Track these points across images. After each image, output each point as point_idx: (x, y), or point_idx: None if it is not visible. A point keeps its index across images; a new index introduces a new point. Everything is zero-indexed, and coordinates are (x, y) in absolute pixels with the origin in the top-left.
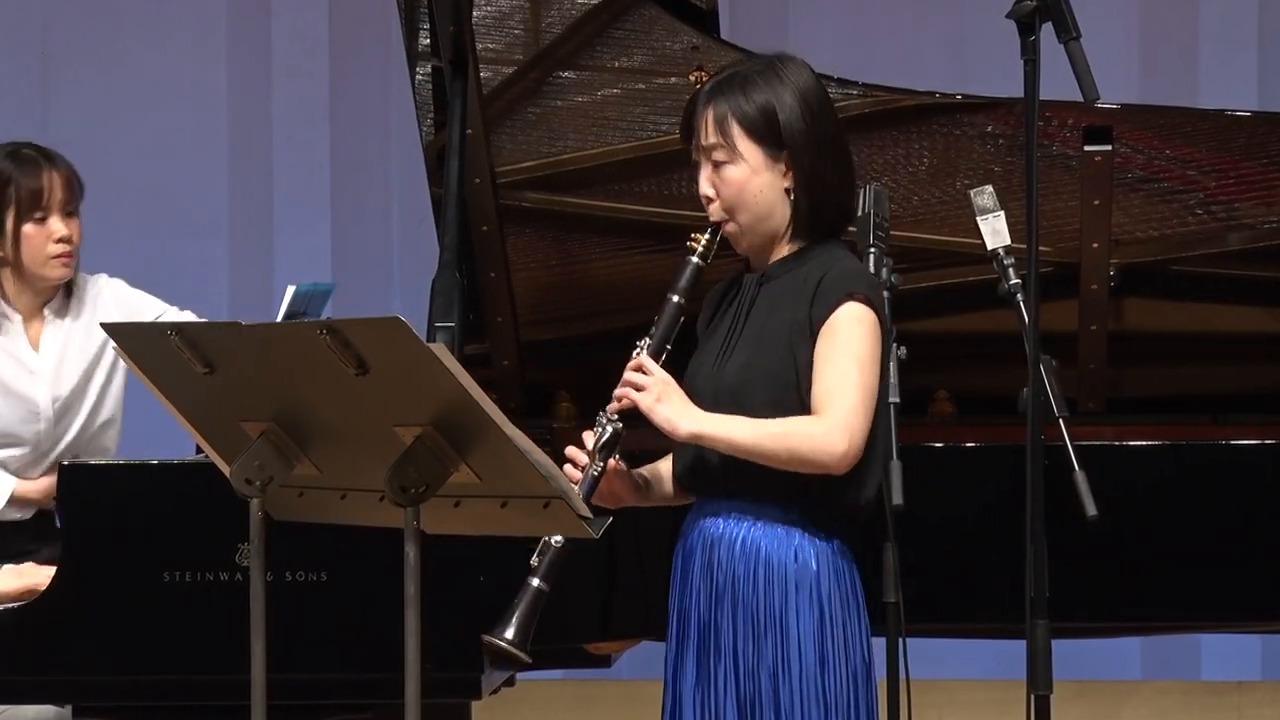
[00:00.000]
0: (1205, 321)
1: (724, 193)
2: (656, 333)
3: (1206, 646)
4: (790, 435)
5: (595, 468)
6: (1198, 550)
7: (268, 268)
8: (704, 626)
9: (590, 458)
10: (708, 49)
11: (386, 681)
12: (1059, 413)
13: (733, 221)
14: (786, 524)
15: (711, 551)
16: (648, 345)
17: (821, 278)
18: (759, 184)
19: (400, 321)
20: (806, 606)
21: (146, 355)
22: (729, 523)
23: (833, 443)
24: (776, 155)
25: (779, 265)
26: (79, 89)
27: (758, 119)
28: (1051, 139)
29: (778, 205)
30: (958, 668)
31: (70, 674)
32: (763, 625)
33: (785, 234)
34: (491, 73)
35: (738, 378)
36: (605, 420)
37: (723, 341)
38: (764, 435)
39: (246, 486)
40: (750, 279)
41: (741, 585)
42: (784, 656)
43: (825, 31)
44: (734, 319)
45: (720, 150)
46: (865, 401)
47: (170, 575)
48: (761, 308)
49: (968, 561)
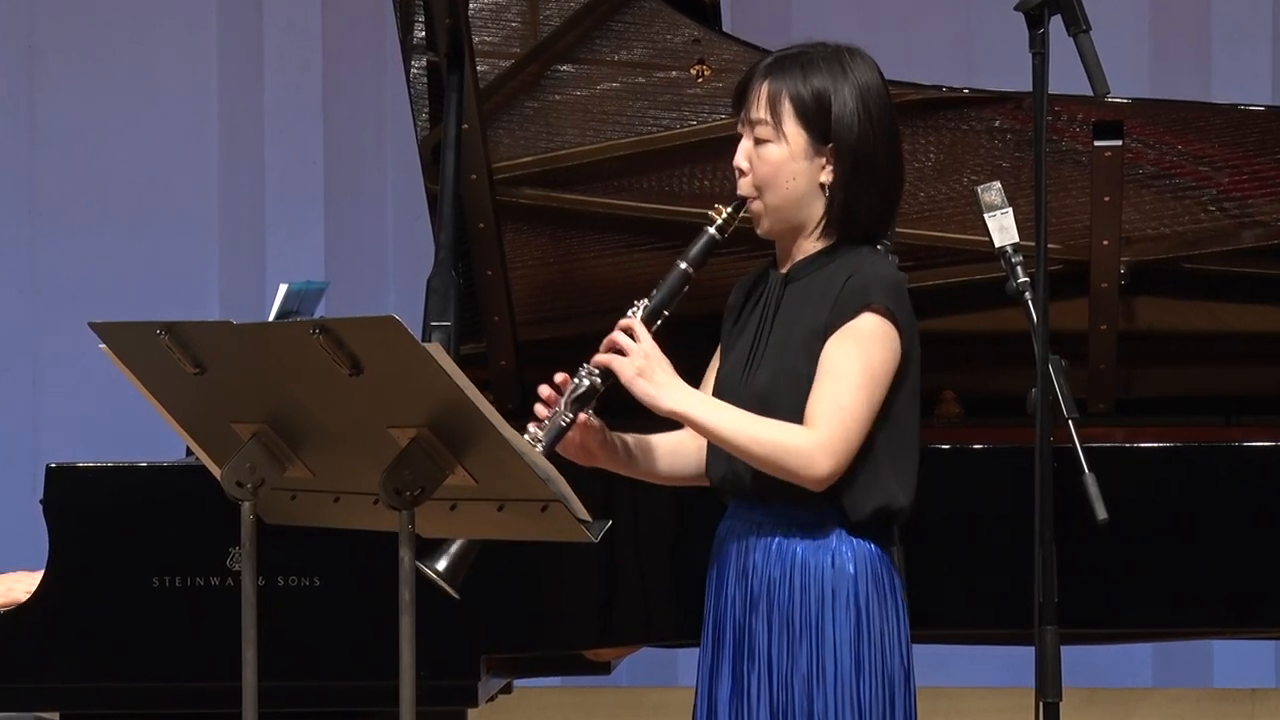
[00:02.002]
0: (1218, 320)
1: (758, 169)
2: (656, 296)
3: (1219, 652)
4: (775, 444)
5: (564, 417)
6: (1211, 554)
7: (259, 265)
8: (739, 632)
9: (562, 407)
10: (709, 42)
11: (381, 689)
12: (1068, 414)
13: (759, 200)
14: (823, 528)
15: (747, 556)
16: (644, 307)
17: (846, 280)
18: (795, 170)
19: (395, 321)
20: (843, 611)
21: (135, 355)
22: (764, 527)
23: (816, 462)
24: (820, 147)
25: (804, 265)
26: (66, 83)
27: (811, 104)
28: (1061, 134)
29: (808, 196)
30: (965, 674)
31: (57, 681)
32: (798, 631)
33: (814, 230)
34: (488, 66)
35: (766, 387)
36: (584, 373)
37: (750, 346)
38: (747, 434)
39: (238, 489)
40: (775, 277)
41: (777, 590)
42: (819, 663)
43: (829, 23)
44: (760, 322)
45: (765, 127)
46: (859, 424)
47: (160, 580)
48: (787, 312)
49: (975, 565)
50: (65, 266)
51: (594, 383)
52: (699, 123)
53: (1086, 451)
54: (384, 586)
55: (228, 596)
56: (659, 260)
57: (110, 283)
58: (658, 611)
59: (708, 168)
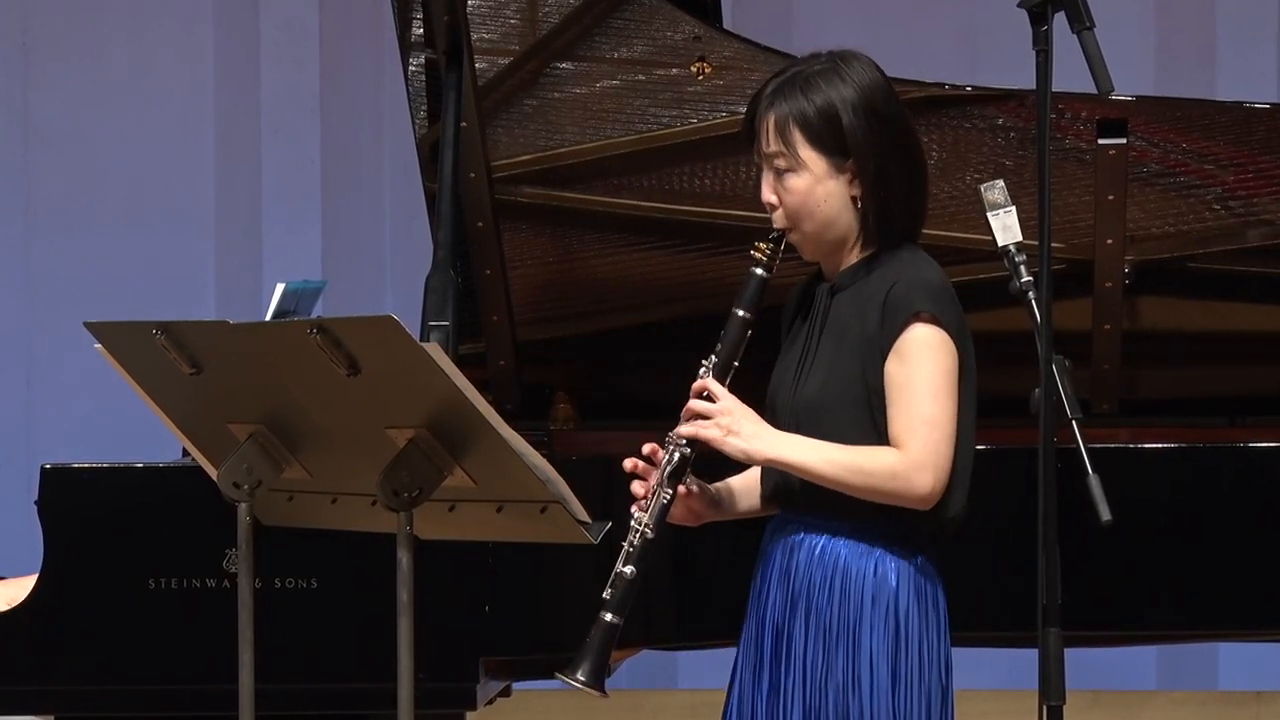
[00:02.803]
0: (1223, 320)
1: (787, 201)
2: (722, 351)
3: (1224, 655)
4: (872, 473)
5: (665, 495)
6: (1215, 556)
7: (256, 264)
8: (778, 634)
9: (659, 484)
10: (710, 39)
11: (379, 692)
12: (1072, 414)
13: (797, 231)
14: (869, 538)
15: (791, 557)
16: (713, 364)
17: (890, 290)
18: (823, 193)
19: (393, 320)
20: (881, 622)
21: (131, 355)
22: (811, 530)
23: (917, 481)
24: (841, 163)
25: (848, 274)
26: (61, 81)
27: (820, 124)
28: (1064, 132)
29: (843, 213)
30: (968, 677)
31: (52, 684)
32: (835, 636)
33: (855, 242)
34: (487, 64)
35: (816, 399)
36: (673, 445)
37: (799, 359)
38: (843, 468)
39: (234, 490)
40: (822, 289)
41: (817, 594)
42: (854, 671)
43: (830, 20)
44: (808, 334)
45: (782, 158)
46: (946, 432)
47: (155, 582)
48: (834, 323)
49: (977, 568)
50: (60, 265)
51: (684, 454)
52: (700, 121)
53: (1090, 452)
54: (382, 588)
55: (224, 599)
56: (660, 259)
57: (106, 282)
58: (658, 614)
59: (708, 166)
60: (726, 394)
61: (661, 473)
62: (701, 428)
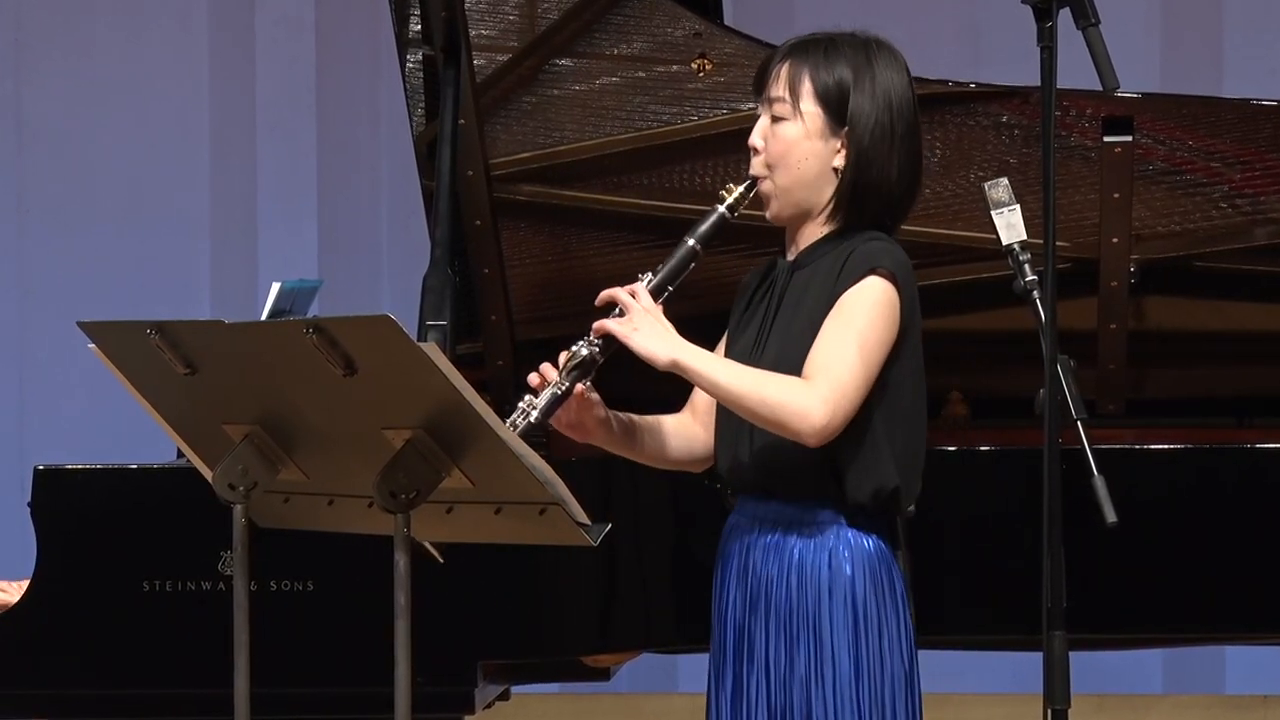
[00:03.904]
0: (1230, 319)
1: (772, 147)
2: (662, 269)
3: (1231, 658)
4: (772, 392)
5: (559, 386)
6: (1222, 558)
7: (252, 263)
8: (740, 633)
9: (560, 375)
10: (710, 36)
11: (376, 695)
12: (1077, 415)
13: (770, 179)
14: (822, 525)
15: (747, 555)
16: (649, 280)
17: (850, 253)
18: (809, 149)
19: (390, 320)
20: (841, 611)
21: (125, 355)
22: (764, 525)
23: (814, 413)
24: (836, 129)
25: (810, 251)
26: (54, 78)
27: (831, 88)
28: (1069, 129)
29: (820, 179)
30: (972, 681)
31: (45, 687)
32: (795, 631)
33: (822, 213)
34: (485, 60)
35: (773, 365)
36: (582, 343)
37: (757, 334)
38: (745, 383)
39: (229, 492)
40: (783, 265)
41: (775, 589)
42: (817, 664)
43: (832, 15)
44: (767, 309)
45: (783, 105)
46: (860, 380)
47: (150, 585)
48: (792, 296)
49: (982, 570)
50: (53, 264)
51: (592, 352)
52: (700, 118)
53: (1096, 453)
54: (379, 591)
55: (219, 601)
56: (659, 258)
57: (99, 281)
58: (658, 616)
59: (709, 164)
60: (648, 297)
61: (565, 365)
62: (611, 322)
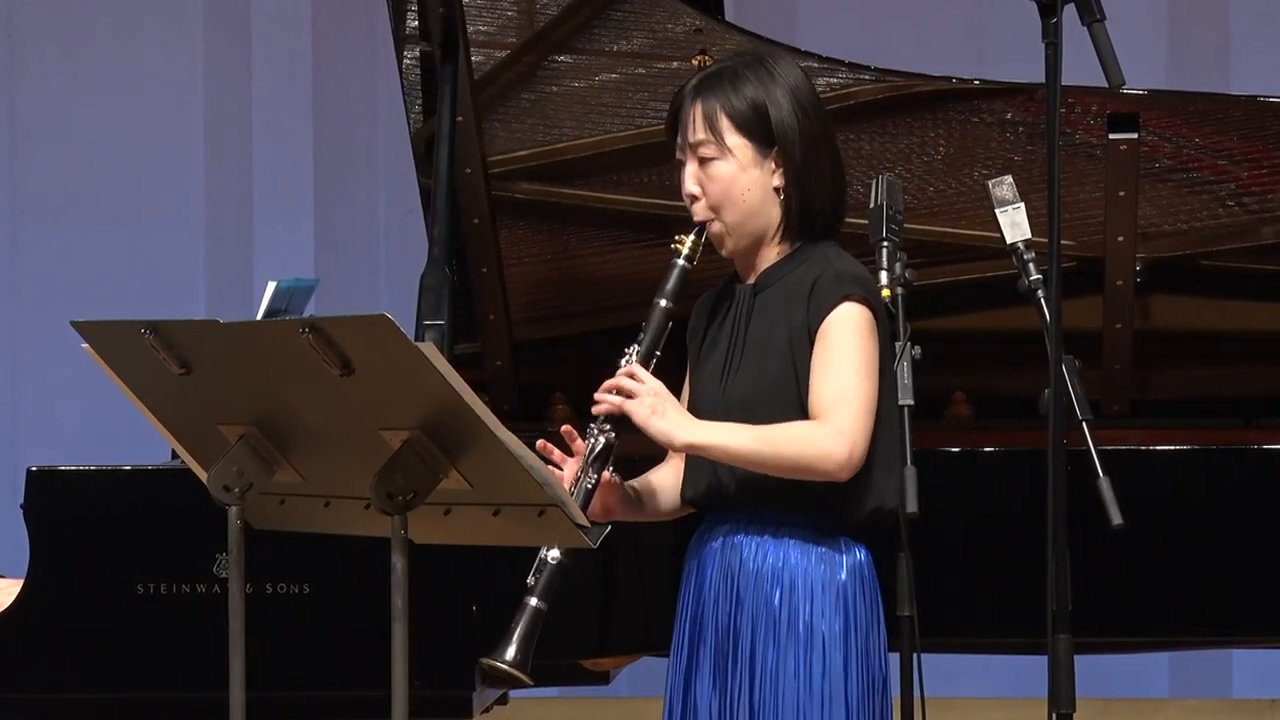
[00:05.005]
0: (1236, 319)
1: (710, 190)
2: (645, 339)
3: (1238, 662)
4: (790, 443)
5: (589, 479)
6: (1229, 561)
7: (247, 262)
8: (723, 632)
9: (584, 469)
10: (711, 32)
11: (373, 699)
12: (1082, 416)
13: (718, 220)
14: (807, 534)
15: (732, 555)
16: (636, 352)
17: (816, 279)
18: (747, 181)
19: (387, 319)
20: (833, 612)
21: (119, 355)
22: (751, 529)
23: (836, 450)
24: (766, 152)
25: (771, 272)
26: (47, 75)
27: (749, 114)
28: (1074, 126)
29: (766, 203)
30: (976, 685)
31: (38, 691)
32: (785, 631)
33: (775, 235)
34: (483, 57)
35: (749, 394)
36: (597, 430)
37: (725, 357)
38: (762, 443)
39: (224, 493)
40: (743, 290)
41: (768, 590)
42: (807, 663)
43: (835, 12)
44: (733, 332)
45: (708, 146)
46: (866, 407)
47: (144, 587)
48: (760, 318)
49: (986, 573)
50: (47, 264)
51: (609, 439)
52: None
53: (1101, 454)
54: (376, 593)
55: (214, 604)
56: (658, 256)
57: (93, 280)
58: (658, 620)
59: None
60: (652, 379)
61: (586, 457)
62: (628, 405)
